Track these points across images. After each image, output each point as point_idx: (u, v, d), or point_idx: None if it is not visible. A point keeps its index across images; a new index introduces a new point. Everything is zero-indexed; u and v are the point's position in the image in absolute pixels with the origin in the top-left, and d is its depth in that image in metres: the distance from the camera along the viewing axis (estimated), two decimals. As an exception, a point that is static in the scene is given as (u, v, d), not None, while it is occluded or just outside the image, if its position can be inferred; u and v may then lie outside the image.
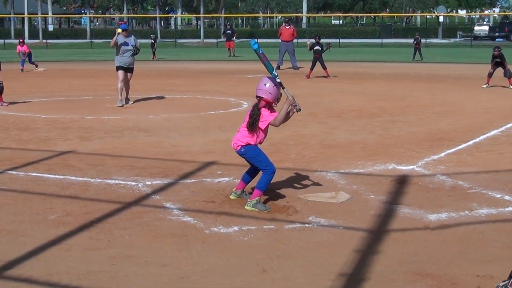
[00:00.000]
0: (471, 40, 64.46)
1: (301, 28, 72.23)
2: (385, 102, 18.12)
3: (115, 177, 9.12)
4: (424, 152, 10.84)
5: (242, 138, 7.68)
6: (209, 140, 12.08)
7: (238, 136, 7.73)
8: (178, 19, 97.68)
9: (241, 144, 7.68)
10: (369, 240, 6.47)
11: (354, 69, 31.94)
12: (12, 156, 10.68)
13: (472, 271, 5.63)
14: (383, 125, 13.81)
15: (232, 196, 8.02)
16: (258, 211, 7.42)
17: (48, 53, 48.92)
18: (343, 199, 7.97)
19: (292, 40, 31.15)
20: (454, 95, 20.03)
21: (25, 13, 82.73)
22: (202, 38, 74.72)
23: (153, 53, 41.30)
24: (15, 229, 6.84)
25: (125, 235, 6.63)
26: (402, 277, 5.55)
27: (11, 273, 5.60)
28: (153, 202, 7.92)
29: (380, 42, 63.20)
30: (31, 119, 14.89)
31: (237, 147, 7.72)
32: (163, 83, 24.60)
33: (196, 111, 16.29)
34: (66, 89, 22.24)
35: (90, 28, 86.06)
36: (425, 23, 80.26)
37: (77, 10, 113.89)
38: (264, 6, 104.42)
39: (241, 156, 7.80)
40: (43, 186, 8.68)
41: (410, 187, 8.62)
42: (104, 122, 14.37)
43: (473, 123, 14.17)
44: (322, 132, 12.95)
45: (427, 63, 36.41)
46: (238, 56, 43.54)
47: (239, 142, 7.69)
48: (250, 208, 7.49)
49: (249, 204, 7.53)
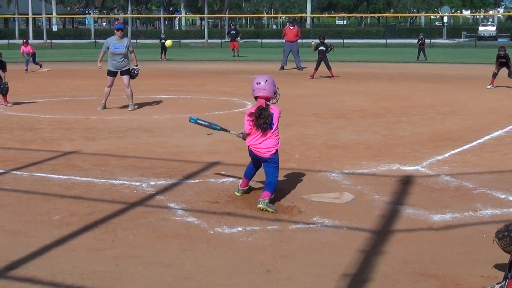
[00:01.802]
0: (475, 41, 64.41)
1: (305, 29, 72.32)
2: (389, 102, 18.11)
3: (119, 177, 9.12)
4: (429, 153, 10.83)
5: (275, 145, 7.73)
6: (213, 140, 12.07)
7: (270, 145, 7.69)
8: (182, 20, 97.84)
9: (274, 152, 7.71)
10: (373, 241, 6.46)
11: (358, 69, 31.93)
12: (16, 156, 10.69)
13: (476, 272, 5.62)
14: (387, 126, 13.79)
15: (238, 193, 8.04)
16: (263, 210, 7.40)
17: (52, 53, 49.04)
18: (347, 200, 7.96)
19: (296, 41, 31.16)
20: (458, 95, 20.00)
21: (29, 14, 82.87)
22: (206, 39, 74.87)
23: (164, 53, 41.30)
24: (19, 229, 6.84)
25: (129, 235, 6.63)
26: (406, 277, 5.54)
27: (15, 273, 5.60)
28: (157, 203, 7.91)
29: (384, 42, 63.21)
30: (36, 119, 14.90)
31: (271, 154, 7.70)
32: (167, 83, 24.61)
33: (200, 112, 16.26)
34: (70, 90, 22.27)
35: (94, 28, 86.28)
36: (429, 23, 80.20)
37: (81, 10, 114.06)
38: (268, 7, 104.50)
39: (268, 161, 7.75)
40: (47, 186, 8.68)
41: (414, 187, 8.61)
42: (108, 123, 14.38)
43: (477, 124, 14.15)
44: (326, 133, 12.94)
45: (431, 64, 36.39)
46: (242, 56, 43.59)
47: (273, 149, 7.71)
48: (263, 206, 7.40)
49: (263, 202, 7.45)
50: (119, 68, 16.30)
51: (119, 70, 16.33)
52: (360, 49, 55.42)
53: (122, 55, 16.16)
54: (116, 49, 16.13)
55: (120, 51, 16.12)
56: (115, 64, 16.26)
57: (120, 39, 16.16)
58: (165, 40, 42.06)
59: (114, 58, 16.23)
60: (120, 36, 16.16)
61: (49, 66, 33.41)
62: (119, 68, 16.30)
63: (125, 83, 16.35)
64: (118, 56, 16.16)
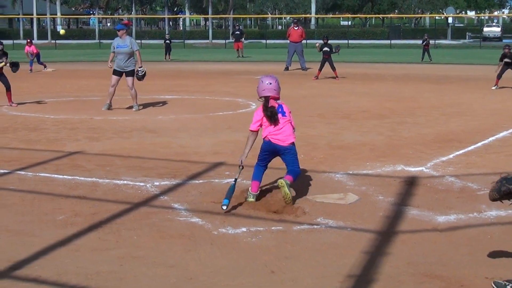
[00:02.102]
0: (480, 41, 64.34)
1: (309, 29, 72.35)
2: (394, 103, 18.09)
3: (123, 177, 9.12)
4: (433, 154, 10.81)
5: (292, 135, 7.86)
6: (217, 141, 12.07)
7: (288, 132, 7.82)
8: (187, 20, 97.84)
9: (293, 140, 7.84)
10: (377, 242, 6.45)
11: (363, 70, 31.93)
12: (21, 156, 10.70)
13: (481, 273, 5.60)
14: (391, 126, 13.78)
15: (251, 198, 7.84)
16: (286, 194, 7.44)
17: (56, 53, 49.10)
18: (351, 201, 7.95)
19: (300, 41, 31.18)
20: (463, 96, 19.99)
21: (34, 14, 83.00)
22: (211, 39, 74.92)
23: (168, 53, 41.31)
24: (23, 229, 6.84)
25: (133, 235, 6.63)
26: (411, 279, 5.52)
27: (20, 273, 5.61)
28: (161, 203, 7.91)
29: (389, 43, 63.26)
30: (40, 119, 14.92)
31: (289, 143, 7.81)
32: (172, 83, 24.62)
33: (204, 112, 16.30)
34: (74, 90, 22.30)
35: (98, 28, 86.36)
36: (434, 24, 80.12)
37: (85, 11, 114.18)
38: (272, 7, 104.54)
39: (287, 152, 7.82)
40: (51, 186, 8.69)
41: (419, 188, 8.59)
42: (113, 123, 14.39)
43: (482, 125, 14.12)
44: (330, 133, 12.94)
45: (436, 64, 36.37)
46: (247, 57, 43.61)
47: (291, 138, 7.83)
48: (284, 183, 7.49)
49: (285, 181, 7.53)
50: (123, 68, 16.26)
51: (124, 71, 16.30)
52: (364, 50, 55.42)
53: (125, 54, 16.13)
54: (119, 48, 16.18)
55: (122, 50, 16.14)
56: (118, 63, 16.27)
57: (123, 39, 16.20)
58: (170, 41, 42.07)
59: (118, 57, 16.26)
60: (122, 36, 16.19)
61: (54, 66, 33.47)
62: (123, 68, 16.26)
63: (129, 84, 16.33)
64: (122, 55, 16.16)
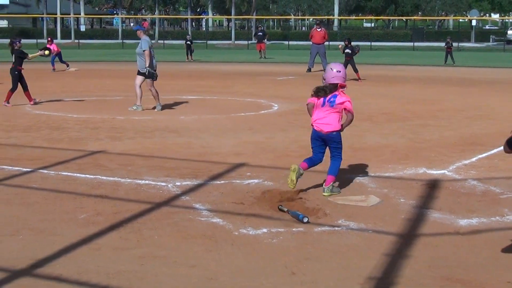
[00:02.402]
0: (504, 44, 63.89)
1: (332, 31, 72.18)
2: (417, 105, 18.01)
3: (145, 177, 9.15)
4: (456, 157, 10.75)
5: (337, 123, 8.15)
6: (239, 141, 12.08)
7: (329, 121, 8.10)
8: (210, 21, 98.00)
9: (336, 128, 8.12)
10: (398, 244, 6.43)
11: (386, 72, 31.82)
12: (43, 155, 10.77)
13: (503, 278, 5.56)
14: (414, 129, 13.72)
15: (327, 193, 8.12)
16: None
17: (79, 53, 49.39)
18: (373, 203, 7.92)
19: (323, 43, 31.15)
20: (486, 99, 19.85)
21: (57, 13, 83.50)
22: (233, 40, 74.92)
23: (190, 54, 41.38)
24: (45, 228, 6.89)
25: (155, 235, 6.65)
26: (432, 282, 5.50)
27: (41, 272, 5.64)
28: (183, 203, 7.93)
29: (412, 45, 62.96)
30: (63, 118, 15.01)
31: (331, 131, 8.08)
32: (194, 84, 24.67)
33: (226, 113, 16.31)
34: (97, 89, 22.41)
35: (122, 28, 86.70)
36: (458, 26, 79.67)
37: (109, 11, 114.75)
38: (295, 8, 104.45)
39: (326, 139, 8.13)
40: (73, 185, 8.74)
41: (441, 191, 8.55)
42: (135, 123, 14.44)
43: (505, 128, 13.93)
44: (352, 135, 12.87)
45: (459, 67, 36.16)
46: (269, 58, 43.59)
47: (332, 126, 8.10)
48: (328, 193, 7.99)
49: (327, 190, 8.00)
50: (139, 68, 16.25)
51: (142, 71, 16.21)
52: (387, 52, 55.21)
53: (139, 55, 16.13)
54: (136, 50, 16.26)
55: (137, 51, 16.21)
56: (138, 63, 16.29)
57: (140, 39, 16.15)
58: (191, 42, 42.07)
59: (137, 58, 16.32)
60: (140, 36, 16.16)
61: (77, 66, 33.68)
62: (140, 68, 16.25)
63: (147, 85, 16.21)
64: (138, 56, 16.21)
